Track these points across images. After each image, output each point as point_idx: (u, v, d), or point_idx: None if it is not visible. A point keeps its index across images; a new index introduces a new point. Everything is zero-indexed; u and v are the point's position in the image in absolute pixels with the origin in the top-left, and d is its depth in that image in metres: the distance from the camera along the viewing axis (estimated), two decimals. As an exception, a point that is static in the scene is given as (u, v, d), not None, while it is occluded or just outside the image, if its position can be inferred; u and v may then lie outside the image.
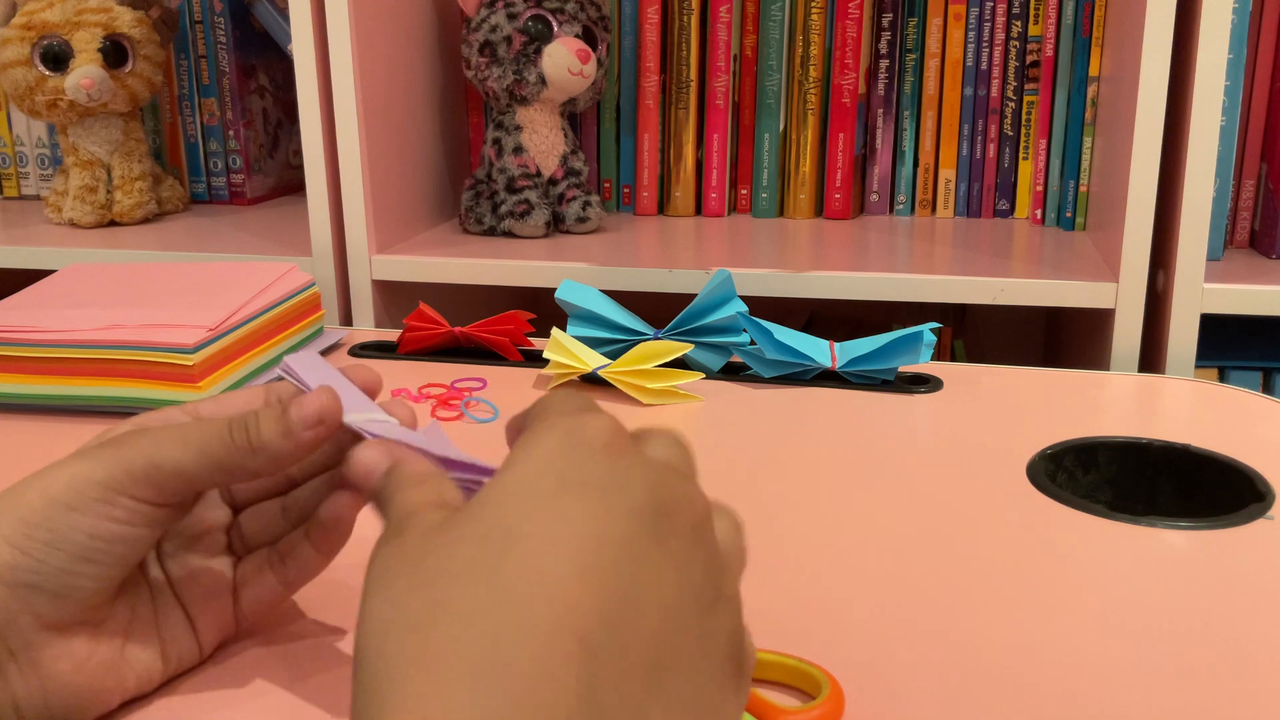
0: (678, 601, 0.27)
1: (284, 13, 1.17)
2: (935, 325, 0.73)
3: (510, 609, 0.25)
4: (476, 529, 0.27)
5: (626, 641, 0.26)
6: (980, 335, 1.25)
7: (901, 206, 1.12)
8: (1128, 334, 0.83)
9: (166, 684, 0.40)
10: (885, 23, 1.07)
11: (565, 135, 1.04)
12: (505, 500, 0.28)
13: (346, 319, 0.96)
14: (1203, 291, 0.82)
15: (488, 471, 0.35)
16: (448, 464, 0.35)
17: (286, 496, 0.42)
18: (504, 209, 1.01)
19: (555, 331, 0.73)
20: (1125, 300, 0.83)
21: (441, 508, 0.31)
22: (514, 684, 0.24)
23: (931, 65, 1.08)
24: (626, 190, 1.14)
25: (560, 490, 0.28)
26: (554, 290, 0.76)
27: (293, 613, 0.45)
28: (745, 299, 0.76)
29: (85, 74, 1.05)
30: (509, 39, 0.98)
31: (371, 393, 0.41)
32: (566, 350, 0.72)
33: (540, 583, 0.25)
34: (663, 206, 1.14)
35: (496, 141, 1.02)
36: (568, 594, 0.25)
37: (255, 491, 0.42)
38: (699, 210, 1.13)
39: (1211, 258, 0.90)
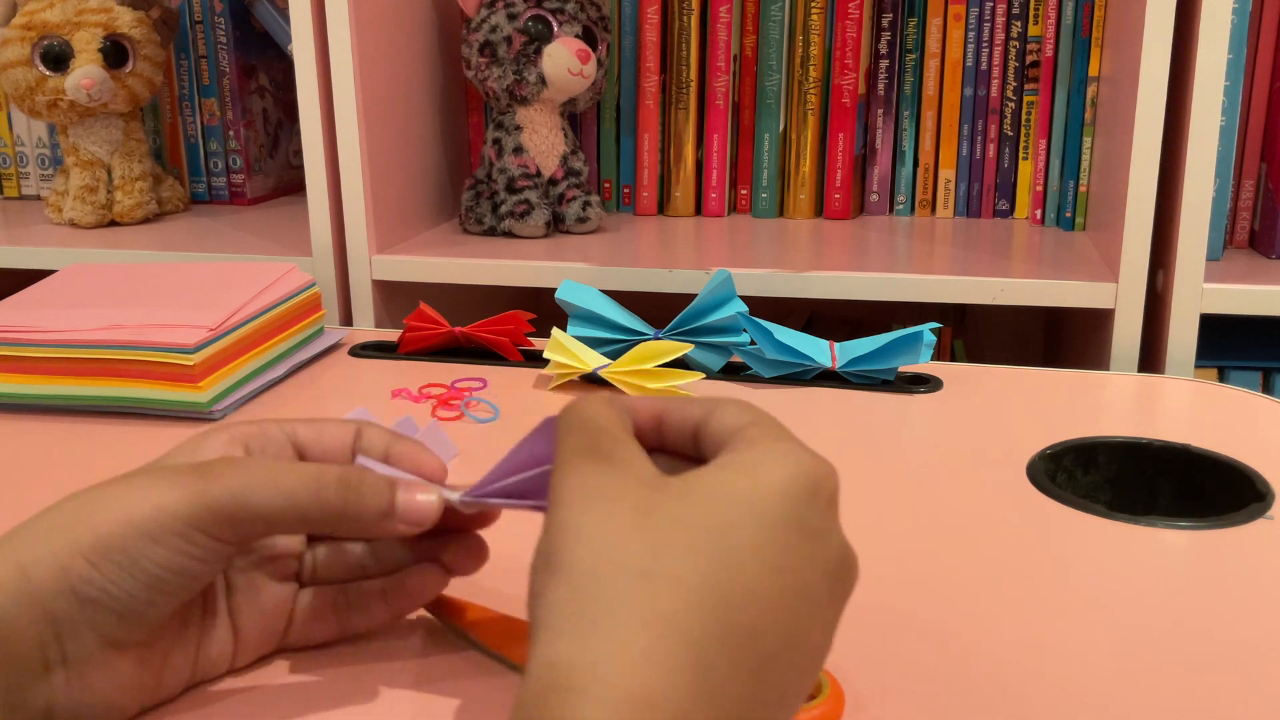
0: (824, 644, 0.32)
1: (284, 13, 1.17)
2: (935, 325, 0.73)
3: (716, 606, 0.28)
4: (707, 518, 0.30)
5: (790, 662, 0.30)
6: (980, 335, 1.25)
7: (901, 206, 1.12)
8: (1127, 334, 0.83)
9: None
10: (885, 23, 1.07)
11: (565, 135, 1.04)
12: (741, 507, 0.30)
13: (346, 319, 0.96)
14: (1202, 291, 0.82)
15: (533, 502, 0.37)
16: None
17: (374, 544, 0.42)
18: (504, 209, 1.01)
19: (555, 331, 0.73)
20: (1125, 300, 0.83)
21: (635, 441, 0.33)
22: (707, 657, 0.28)
23: (931, 65, 1.08)
24: (626, 190, 1.14)
25: (786, 525, 0.30)
26: (554, 290, 0.76)
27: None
28: (745, 299, 0.76)
29: (85, 74, 1.05)
30: (509, 39, 0.98)
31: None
32: (566, 350, 0.72)
33: (746, 594, 0.29)
34: (663, 206, 1.14)
35: (496, 141, 1.02)
36: (758, 613, 0.29)
37: None
38: (699, 210, 1.13)
39: (1211, 258, 0.90)
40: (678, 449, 0.36)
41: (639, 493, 0.31)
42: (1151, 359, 0.87)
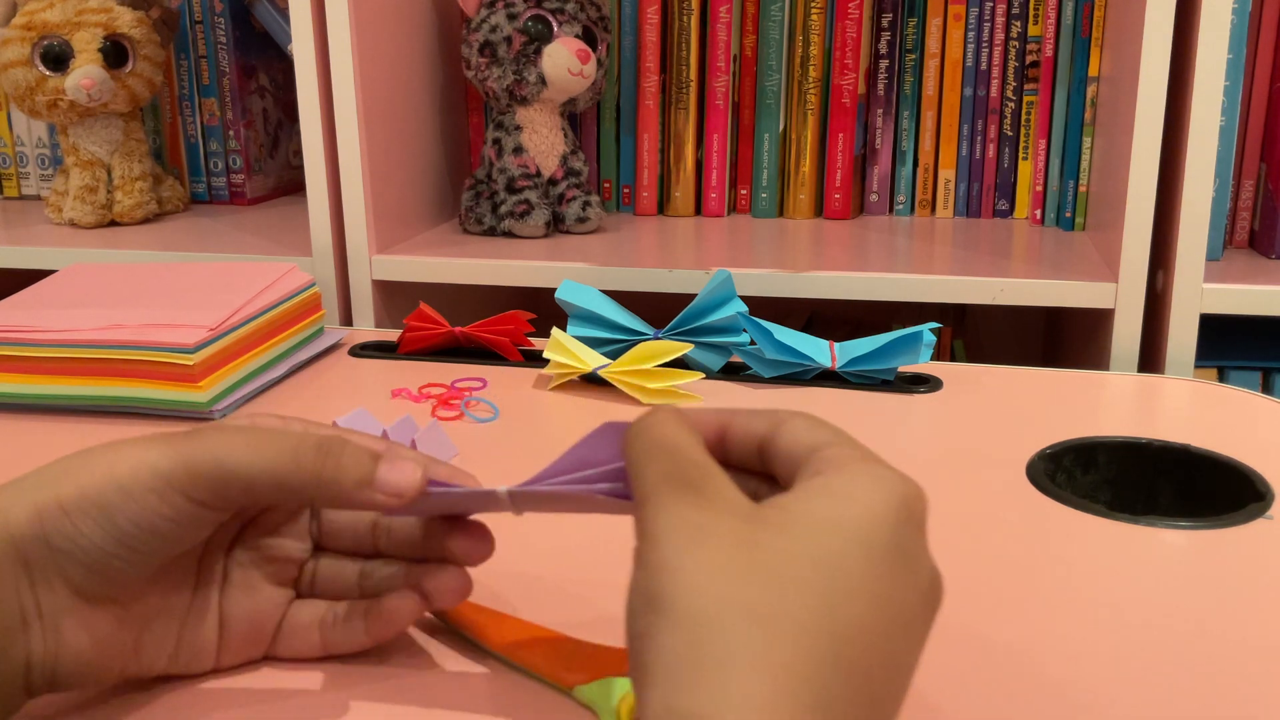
0: (915, 665, 0.31)
1: (284, 13, 1.17)
2: (935, 325, 0.73)
3: (830, 645, 0.28)
4: (812, 552, 0.29)
5: (894, 691, 0.30)
6: (980, 335, 1.25)
7: (901, 206, 1.12)
8: (1127, 334, 0.83)
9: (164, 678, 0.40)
10: (885, 23, 1.07)
11: (565, 135, 1.04)
12: (843, 537, 0.30)
13: (346, 319, 0.96)
14: (1202, 291, 0.82)
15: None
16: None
17: (368, 563, 0.42)
18: (504, 209, 1.01)
19: (555, 331, 0.73)
20: (1125, 300, 0.83)
21: (718, 467, 0.32)
22: (825, 699, 0.27)
23: (931, 65, 1.08)
24: (626, 190, 1.14)
25: (887, 553, 0.30)
26: (554, 290, 0.76)
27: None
28: (745, 299, 0.76)
29: (85, 74, 1.05)
30: (509, 39, 0.98)
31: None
32: (566, 350, 0.72)
33: (857, 629, 0.29)
34: (663, 206, 1.14)
35: (496, 141, 1.02)
36: (868, 647, 0.29)
37: (344, 541, 0.42)
38: (699, 210, 1.13)
39: (1211, 258, 0.90)
40: (741, 463, 0.36)
41: (739, 528, 0.30)
42: (1151, 359, 0.87)
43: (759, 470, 0.36)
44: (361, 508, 0.37)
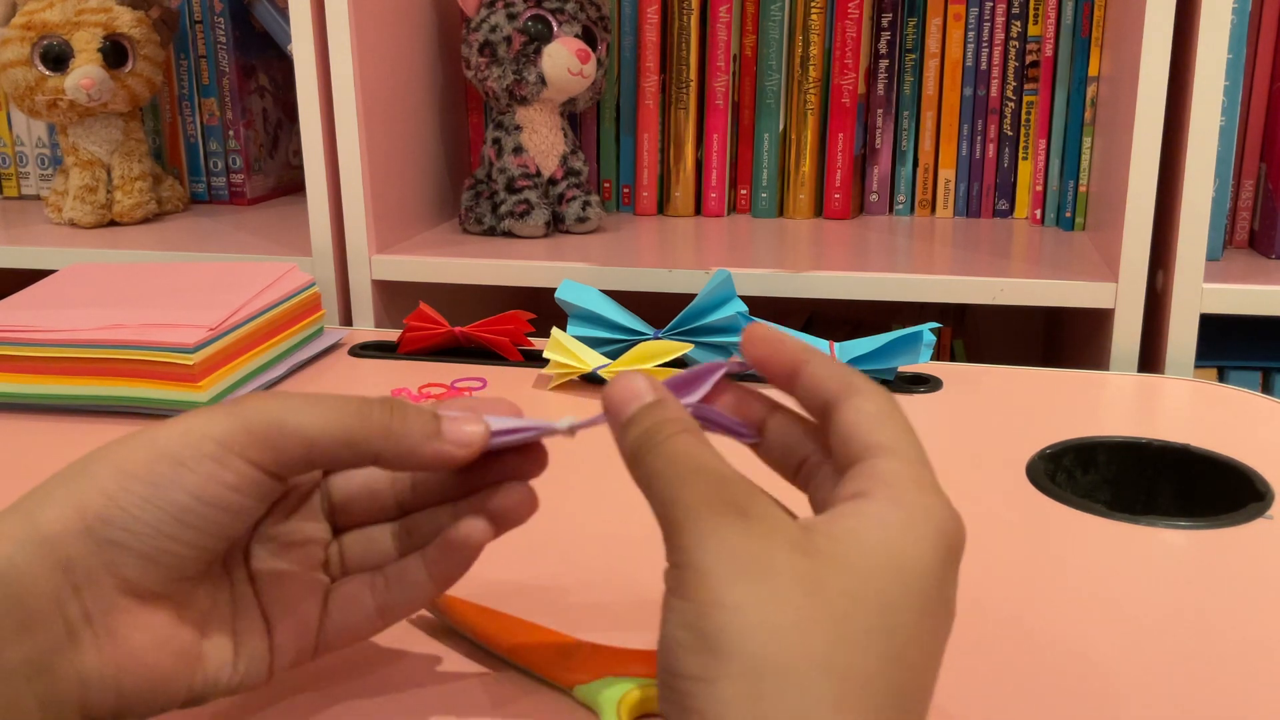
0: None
1: (284, 12, 1.17)
2: (935, 325, 0.73)
3: (890, 694, 0.28)
4: (873, 593, 0.28)
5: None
6: (980, 335, 1.25)
7: (901, 206, 1.12)
8: (1127, 334, 0.83)
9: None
10: (885, 23, 1.07)
11: (565, 135, 1.04)
12: (902, 579, 0.29)
13: (346, 319, 0.96)
14: (1202, 291, 0.82)
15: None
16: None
17: (404, 520, 0.39)
18: (504, 209, 1.01)
19: (555, 331, 0.73)
20: (1125, 300, 0.83)
21: (756, 489, 0.31)
22: None
23: (931, 65, 1.08)
24: (626, 190, 1.14)
25: (937, 597, 0.30)
26: (554, 290, 0.76)
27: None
28: (745, 299, 0.76)
29: (85, 74, 1.05)
30: (509, 39, 0.98)
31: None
32: (566, 350, 0.72)
33: (911, 676, 0.29)
34: (662, 206, 1.14)
35: (496, 141, 1.02)
36: (919, 689, 0.29)
37: (360, 511, 0.39)
38: (699, 210, 1.13)
39: (1211, 258, 0.90)
40: (806, 405, 0.34)
41: (797, 562, 0.28)
42: (1151, 359, 0.87)
43: (814, 422, 0.34)
44: (427, 465, 0.35)
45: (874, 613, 0.28)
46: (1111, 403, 0.71)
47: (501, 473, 0.38)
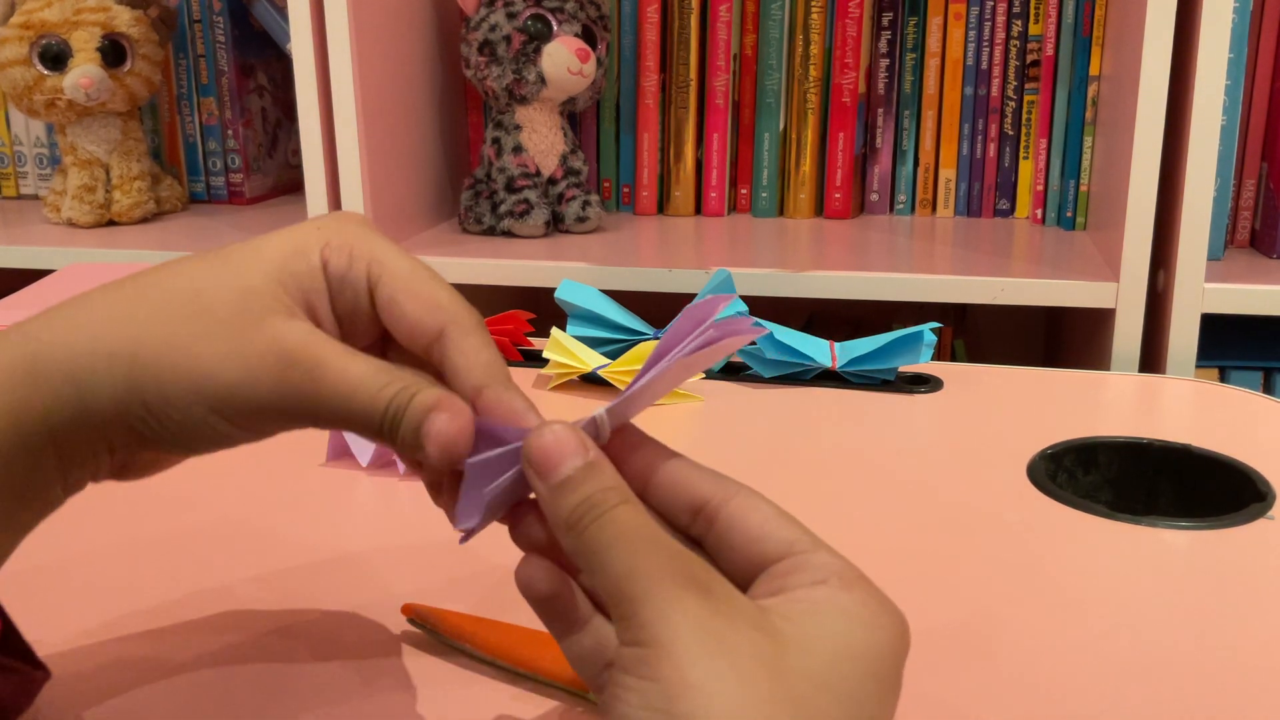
0: None
1: (283, 12, 1.17)
2: (935, 325, 0.73)
3: None
4: (834, 683, 0.28)
5: None
6: (980, 335, 1.25)
7: (901, 206, 1.12)
8: (1128, 334, 0.83)
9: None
10: (885, 22, 1.07)
11: (565, 135, 1.04)
12: (861, 668, 0.29)
13: (346, 319, 0.96)
14: (1203, 291, 0.82)
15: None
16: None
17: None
18: (503, 209, 1.01)
19: (555, 331, 0.73)
20: (1126, 300, 0.83)
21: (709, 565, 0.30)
22: None
23: (932, 64, 1.07)
24: (626, 190, 1.14)
25: (890, 689, 0.29)
26: (554, 290, 0.76)
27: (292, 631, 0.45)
28: (745, 299, 0.76)
29: (84, 73, 1.05)
30: (508, 38, 0.97)
31: None
32: (566, 350, 0.72)
33: None
34: (663, 206, 1.13)
35: (496, 141, 1.02)
36: None
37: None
38: (699, 210, 1.13)
39: (1212, 257, 0.90)
40: (661, 510, 0.33)
41: (760, 644, 0.28)
42: (1152, 359, 0.87)
43: (681, 527, 0.33)
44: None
45: (832, 699, 0.28)
46: (1112, 403, 0.71)
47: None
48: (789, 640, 0.28)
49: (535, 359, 0.78)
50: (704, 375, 0.73)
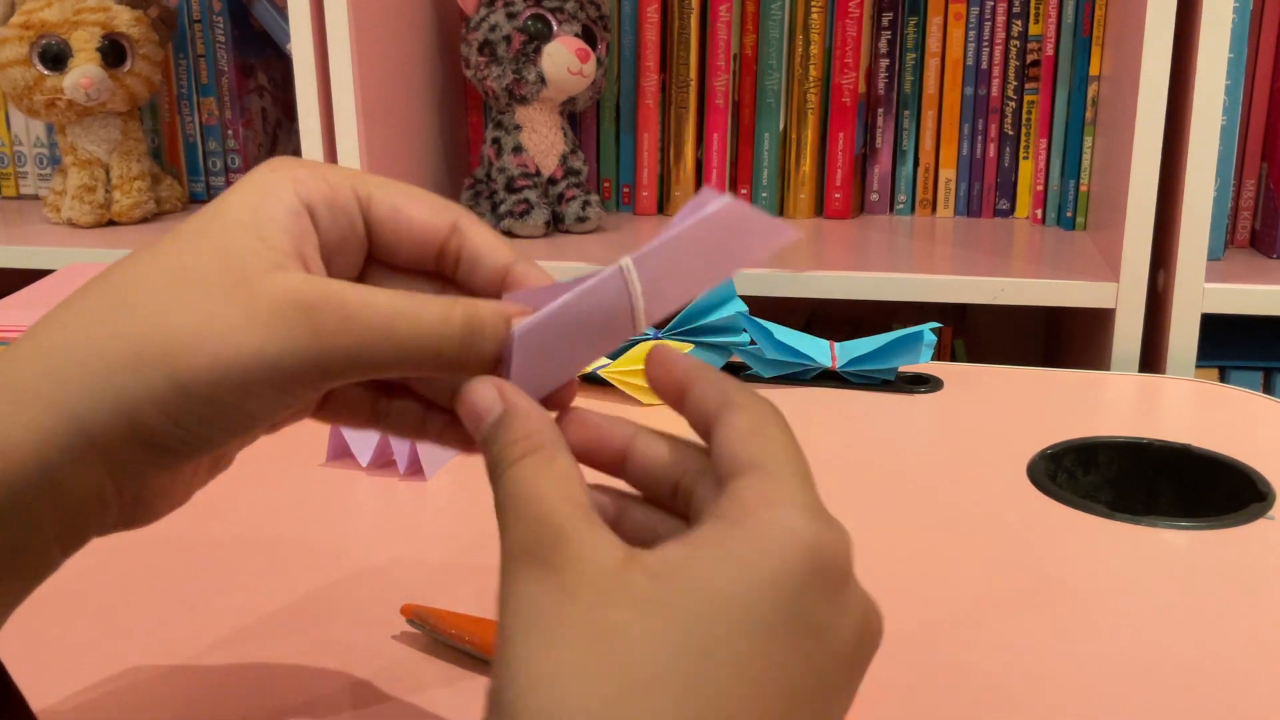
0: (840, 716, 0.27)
1: (283, 12, 1.17)
2: (935, 325, 0.73)
3: None
4: (679, 636, 0.25)
5: None
6: (980, 335, 1.25)
7: (901, 206, 1.12)
8: (1128, 334, 0.83)
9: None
10: (885, 22, 1.07)
11: (565, 135, 1.04)
12: (723, 615, 0.25)
13: (346, 319, 0.96)
14: (1203, 291, 0.82)
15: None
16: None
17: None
18: (503, 209, 1.01)
19: (555, 331, 0.73)
20: (1126, 300, 0.83)
21: (585, 519, 0.27)
22: None
23: (932, 64, 1.07)
24: (626, 190, 1.14)
25: (780, 630, 0.25)
26: (553, 290, 0.76)
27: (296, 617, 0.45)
28: (745, 299, 0.75)
29: (84, 73, 1.05)
30: (508, 38, 0.97)
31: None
32: (566, 350, 0.72)
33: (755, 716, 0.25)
34: (663, 206, 1.13)
35: (496, 141, 1.02)
36: None
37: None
38: (699, 210, 1.13)
39: (1212, 257, 0.90)
40: (693, 426, 0.31)
41: (590, 612, 0.25)
42: (1152, 359, 0.87)
43: (692, 443, 0.31)
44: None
45: (666, 657, 0.24)
46: (1112, 403, 0.71)
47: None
48: (635, 598, 0.25)
49: (535, 359, 0.77)
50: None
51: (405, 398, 0.35)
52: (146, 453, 0.29)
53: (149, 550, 0.50)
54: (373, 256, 0.34)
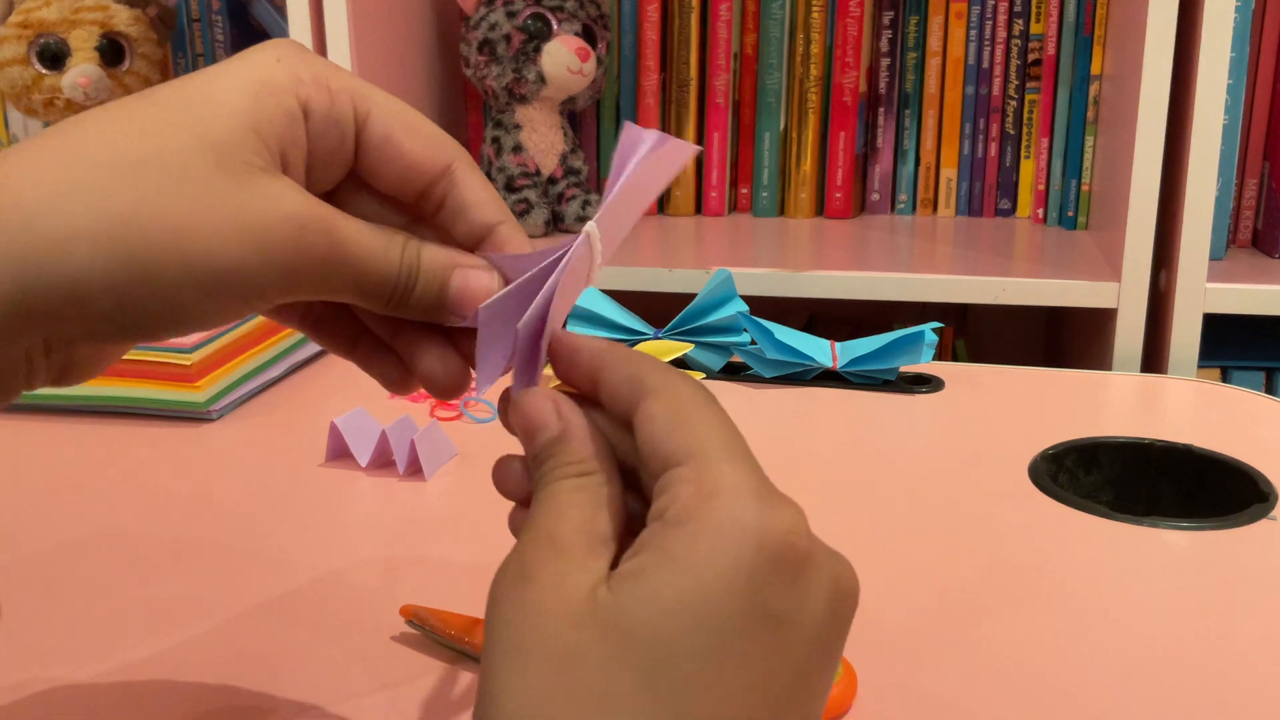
0: (823, 691, 0.27)
1: (282, 11, 1.17)
2: (936, 325, 0.72)
3: None
4: (641, 652, 0.24)
5: None
6: (982, 335, 1.25)
7: (903, 205, 1.12)
8: (1130, 334, 0.83)
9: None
10: (886, 21, 1.07)
11: (565, 134, 1.04)
12: (680, 624, 0.24)
13: (345, 318, 0.95)
14: (1205, 291, 0.82)
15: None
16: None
17: None
18: (503, 208, 1.01)
19: (554, 331, 0.73)
20: (1127, 300, 0.83)
21: (589, 544, 0.26)
22: None
23: (933, 64, 1.07)
24: (626, 189, 1.13)
25: (743, 628, 0.25)
26: (553, 289, 0.75)
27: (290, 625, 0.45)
28: (745, 299, 0.75)
29: (82, 72, 1.04)
30: (508, 37, 0.97)
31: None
32: (566, 350, 0.71)
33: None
34: (663, 206, 1.13)
35: (496, 140, 1.02)
36: None
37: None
38: (699, 209, 1.13)
39: (1214, 257, 0.90)
40: (614, 417, 0.29)
41: (560, 635, 0.25)
42: (1154, 359, 0.86)
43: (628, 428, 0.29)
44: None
45: (630, 678, 0.24)
46: (1114, 403, 0.70)
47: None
48: (602, 620, 0.25)
49: (535, 359, 0.77)
50: (704, 376, 0.73)
51: (345, 313, 0.34)
52: (88, 330, 0.27)
53: (147, 548, 0.50)
54: (353, 172, 0.32)
